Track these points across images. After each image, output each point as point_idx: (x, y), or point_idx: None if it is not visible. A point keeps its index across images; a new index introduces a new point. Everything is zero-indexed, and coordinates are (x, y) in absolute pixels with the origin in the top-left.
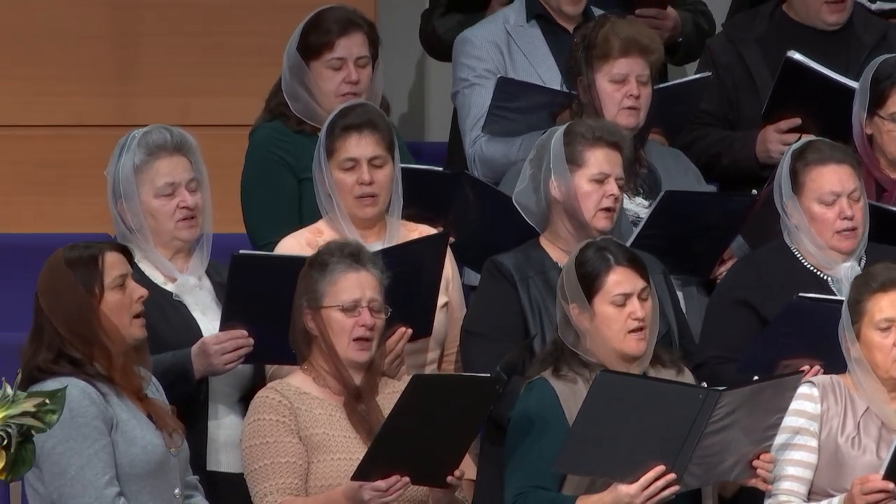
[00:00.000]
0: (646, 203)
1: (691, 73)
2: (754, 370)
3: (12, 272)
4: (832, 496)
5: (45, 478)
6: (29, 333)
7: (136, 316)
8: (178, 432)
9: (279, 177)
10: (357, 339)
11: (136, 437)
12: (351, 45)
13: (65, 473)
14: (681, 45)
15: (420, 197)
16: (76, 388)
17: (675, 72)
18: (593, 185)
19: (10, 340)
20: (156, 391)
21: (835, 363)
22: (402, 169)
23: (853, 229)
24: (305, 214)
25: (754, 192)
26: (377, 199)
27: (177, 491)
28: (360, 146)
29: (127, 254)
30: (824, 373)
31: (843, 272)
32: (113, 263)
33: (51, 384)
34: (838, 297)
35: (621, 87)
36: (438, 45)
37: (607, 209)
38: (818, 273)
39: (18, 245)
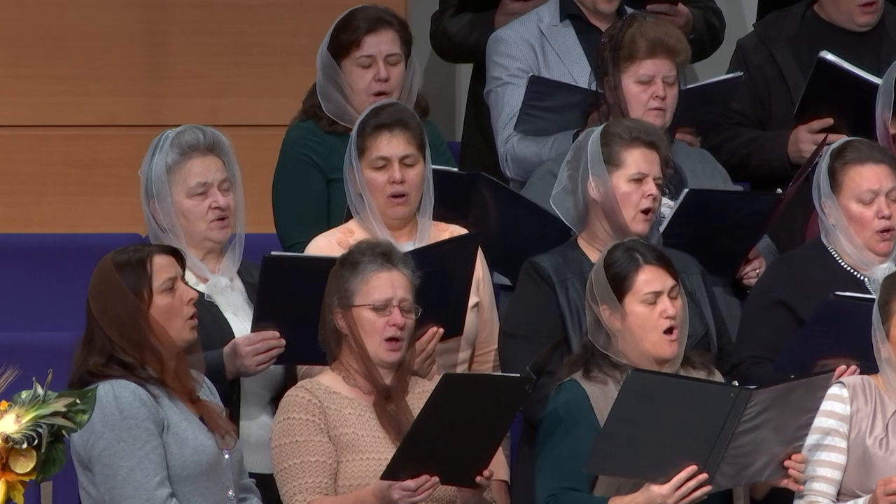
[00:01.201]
0: (671, 203)
1: (700, 72)
2: (791, 370)
3: (44, 272)
4: (859, 497)
5: (96, 480)
6: (81, 338)
7: (189, 318)
8: (231, 434)
9: (308, 177)
10: (388, 340)
11: (187, 438)
12: (380, 42)
13: (115, 475)
14: (692, 41)
15: (440, 197)
16: (126, 390)
17: (705, 71)
18: (632, 185)
19: (42, 341)
20: (209, 393)
21: (872, 363)
22: None
23: (890, 229)
24: (333, 215)
25: (779, 190)
26: (408, 198)
27: (230, 492)
28: (392, 145)
29: (178, 256)
30: (861, 373)
31: (881, 273)
32: (162, 266)
33: (102, 387)
34: (874, 297)
35: (647, 88)
36: (448, 46)
37: (646, 210)
38: (855, 273)
39: (49, 245)
